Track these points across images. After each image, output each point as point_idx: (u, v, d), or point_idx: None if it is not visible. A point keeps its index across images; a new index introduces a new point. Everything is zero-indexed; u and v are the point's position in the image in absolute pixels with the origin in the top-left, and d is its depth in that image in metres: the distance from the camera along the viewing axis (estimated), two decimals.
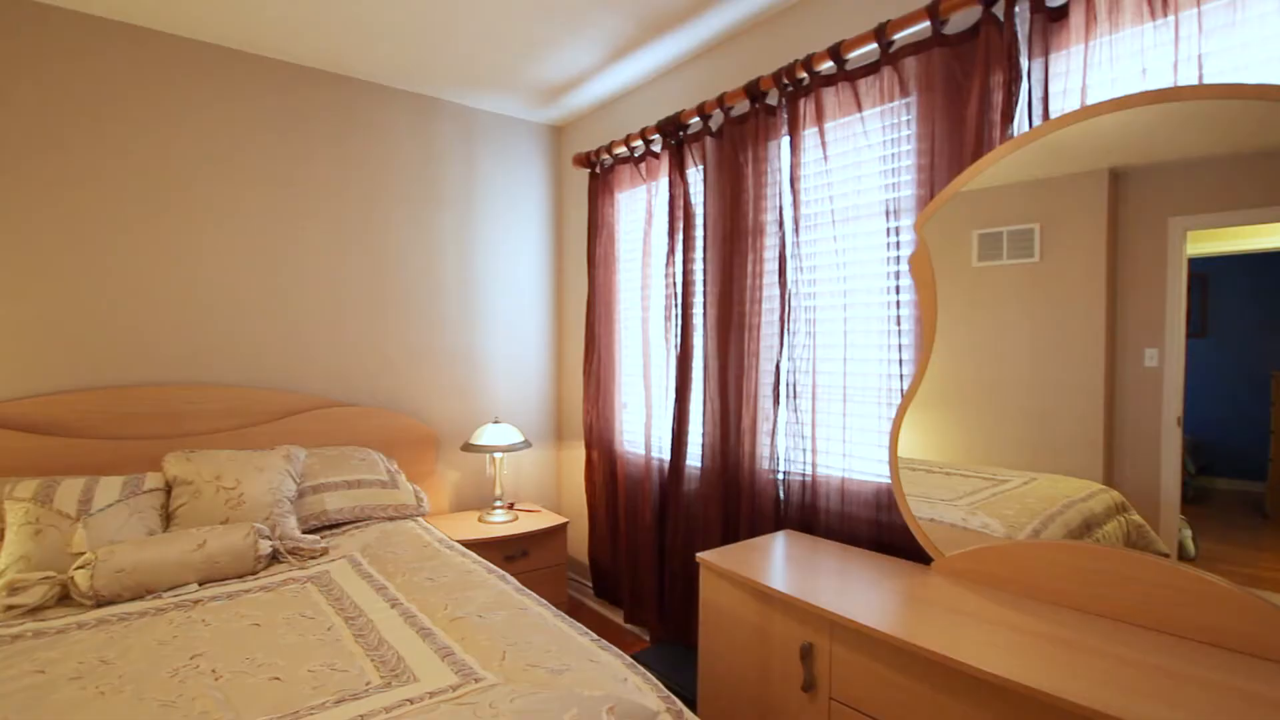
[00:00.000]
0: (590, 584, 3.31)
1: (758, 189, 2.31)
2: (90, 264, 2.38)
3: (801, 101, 2.14)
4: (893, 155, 1.97)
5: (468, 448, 2.96)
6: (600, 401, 3.08)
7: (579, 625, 1.63)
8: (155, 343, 2.50)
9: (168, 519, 2.12)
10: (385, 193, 3.00)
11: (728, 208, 2.40)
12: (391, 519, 2.51)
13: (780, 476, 2.29)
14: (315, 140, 2.81)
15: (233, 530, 1.99)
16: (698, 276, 2.60)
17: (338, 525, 2.42)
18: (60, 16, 2.31)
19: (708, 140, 2.50)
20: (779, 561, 1.88)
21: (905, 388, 1.91)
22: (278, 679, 1.37)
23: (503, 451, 2.95)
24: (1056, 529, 1.58)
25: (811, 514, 2.18)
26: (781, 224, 2.22)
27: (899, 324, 1.93)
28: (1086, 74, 1.56)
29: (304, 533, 2.31)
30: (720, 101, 2.37)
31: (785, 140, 2.23)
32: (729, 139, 2.38)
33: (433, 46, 2.60)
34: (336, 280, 2.89)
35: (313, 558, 2.12)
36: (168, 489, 2.18)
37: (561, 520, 3.01)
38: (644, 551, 2.83)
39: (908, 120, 1.92)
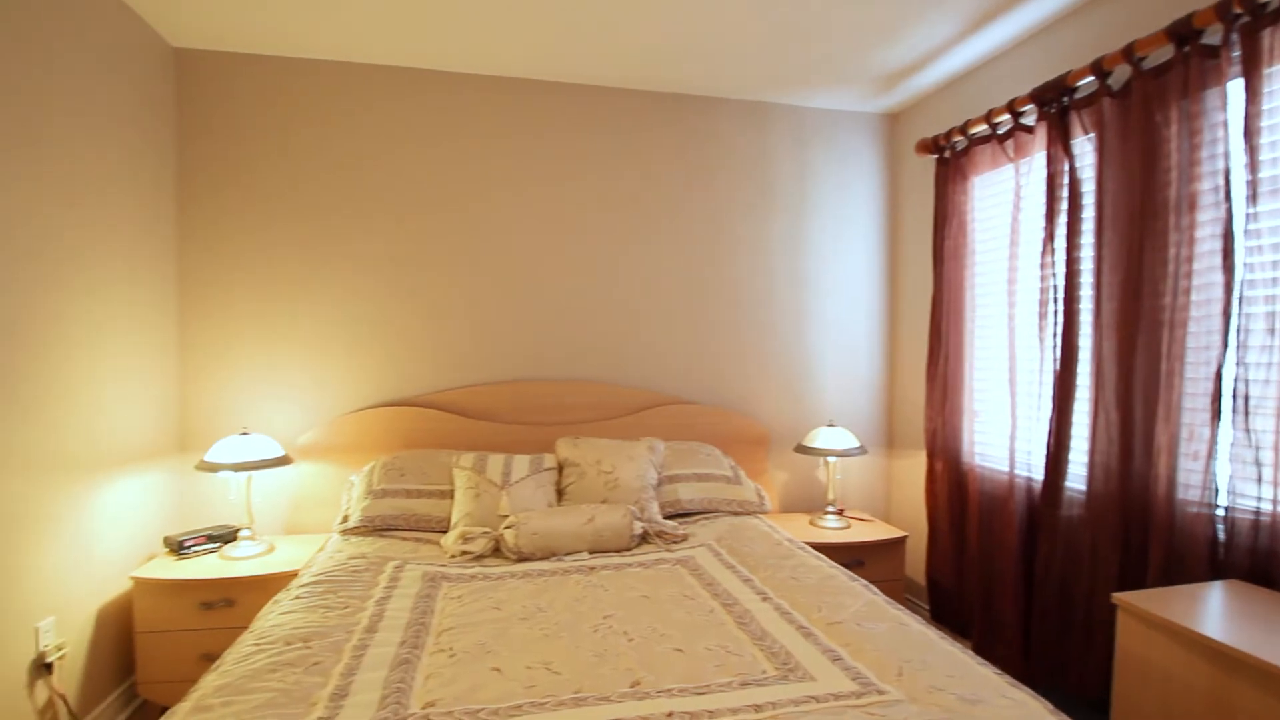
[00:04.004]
0: (926, 605, 3.06)
1: (1187, 152, 1.87)
2: (496, 288, 2.92)
3: (1265, 33, 1.67)
4: None
5: (801, 449, 2.95)
6: (947, 408, 2.82)
7: (972, 653, 1.48)
8: (543, 345, 2.98)
9: (559, 494, 2.49)
10: (721, 200, 3.15)
11: (1136, 180, 2.00)
12: (735, 514, 2.61)
13: (1219, 511, 1.82)
14: (659, 159, 3.07)
15: (614, 509, 2.25)
16: (1085, 265, 2.21)
17: (689, 515, 2.59)
18: (490, 84, 2.88)
19: (1105, 102, 2.10)
20: (1237, 619, 1.49)
21: None
22: (680, 651, 1.48)
23: (837, 455, 2.88)
24: None
25: (1271, 563, 1.69)
26: (1226, 193, 1.77)
27: None
28: None
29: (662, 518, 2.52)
30: (1127, 53, 1.98)
31: (1233, 85, 1.77)
32: (1139, 96, 1.97)
33: (769, 50, 2.63)
34: (680, 286, 3.11)
35: (675, 542, 2.30)
36: (559, 468, 2.56)
37: (900, 533, 2.82)
38: (1003, 579, 2.50)
39: None
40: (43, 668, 1.92)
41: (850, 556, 2.76)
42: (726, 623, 1.64)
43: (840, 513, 3.06)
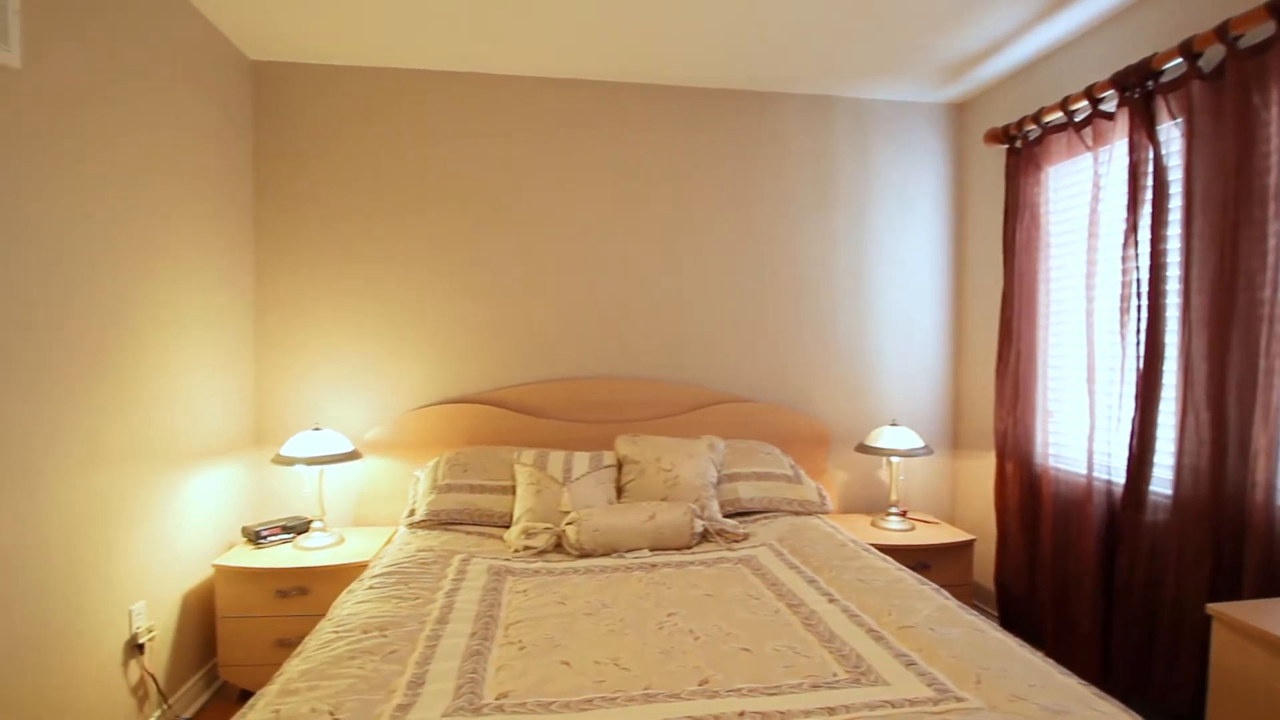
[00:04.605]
0: (995, 611, 2.95)
1: None
2: (554, 286, 2.96)
3: None
4: None
5: (863, 449, 2.89)
6: (1019, 408, 2.71)
7: (1052, 662, 1.42)
8: (602, 343, 3.00)
9: (619, 491, 2.50)
10: (782, 195, 3.11)
11: (1230, 167, 1.88)
12: (796, 514, 2.57)
13: None
14: (719, 156, 3.05)
15: (674, 507, 2.25)
16: (1172, 258, 2.10)
17: (749, 514, 2.57)
18: (552, 86, 2.92)
19: (1194, 85, 1.99)
20: None
21: None
22: (747, 650, 1.47)
23: (901, 455, 2.81)
24: None
25: None
26: None
27: None
28: None
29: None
30: (1221, 32, 1.87)
31: None
32: (1235, 77, 1.86)
33: (832, 42, 2.58)
34: (737, 284, 3.09)
35: (736, 540, 2.28)
36: (619, 465, 2.57)
37: (967, 536, 2.74)
38: (1079, 586, 2.39)
39: None
40: (135, 648, 2.04)
41: (915, 559, 2.69)
42: (793, 624, 1.61)
43: (904, 514, 2.98)
